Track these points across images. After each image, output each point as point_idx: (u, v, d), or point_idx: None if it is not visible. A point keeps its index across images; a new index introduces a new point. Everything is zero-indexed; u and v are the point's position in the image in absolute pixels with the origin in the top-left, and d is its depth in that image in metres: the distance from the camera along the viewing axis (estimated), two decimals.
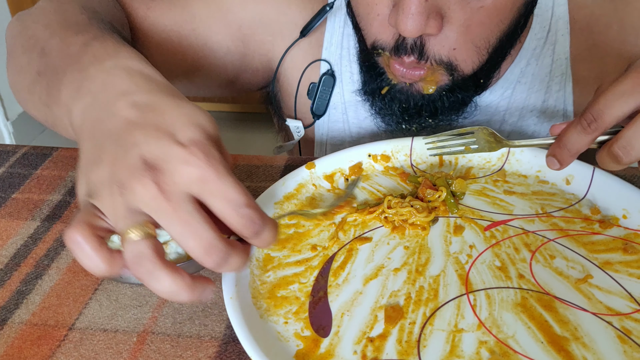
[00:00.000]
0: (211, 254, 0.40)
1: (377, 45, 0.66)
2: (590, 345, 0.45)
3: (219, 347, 0.48)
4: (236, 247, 0.42)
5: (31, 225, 0.63)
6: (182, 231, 0.39)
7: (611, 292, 0.50)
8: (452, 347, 0.46)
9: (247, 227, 0.41)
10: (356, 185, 0.64)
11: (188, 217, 0.39)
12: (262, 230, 0.42)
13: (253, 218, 0.41)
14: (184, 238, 0.40)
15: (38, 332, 0.50)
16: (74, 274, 0.56)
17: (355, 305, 0.50)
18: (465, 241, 0.56)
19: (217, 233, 0.40)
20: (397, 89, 0.69)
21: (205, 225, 0.40)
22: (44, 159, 0.75)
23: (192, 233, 0.39)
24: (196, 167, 0.39)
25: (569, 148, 0.53)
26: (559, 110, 0.78)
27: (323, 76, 0.81)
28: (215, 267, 0.41)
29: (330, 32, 0.80)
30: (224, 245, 0.40)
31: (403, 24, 0.58)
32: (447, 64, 0.64)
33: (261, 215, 0.41)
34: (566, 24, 0.76)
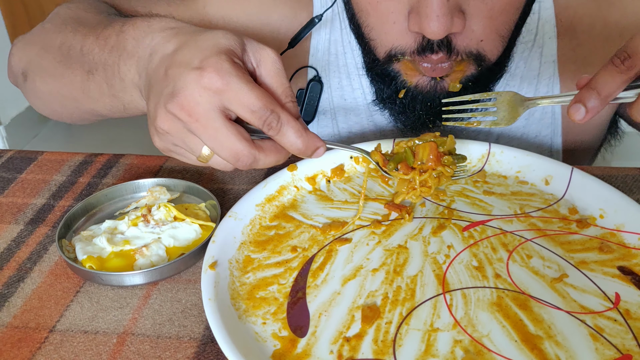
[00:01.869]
0: (239, 160, 0.48)
1: (396, 52, 0.65)
2: (563, 344, 0.46)
3: (198, 347, 0.49)
4: (265, 148, 0.49)
5: (14, 229, 0.63)
6: (213, 145, 0.47)
7: (586, 290, 0.51)
8: (427, 347, 0.46)
9: (266, 127, 0.47)
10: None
11: (214, 132, 0.46)
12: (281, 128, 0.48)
13: (269, 119, 0.47)
14: (216, 150, 0.48)
15: (19, 334, 0.51)
16: (56, 277, 0.57)
17: (333, 305, 0.50)
18: (443, 241, 0.57)
19: (244, 140, 0.47)
20: (418, 88, 0.68)
21: (232, 136, 0.46)
22: (29, 163, 0.75)
23: (220, 146, 0.47)
24: (209, 82, 0.45)
25: (599, 90, 0.48)
26: (547, 112, 0.79)
27: (310, 82, 0.81)
28: (249, 168, 0.49)
29: (316, 39, 0.81)
30: (251, 150, 0.48)
31: (429, 27, 0.58)
32: (476, 55, 0.65)
33: (278, 116, 0.47)
34: (553, 27, 0.77)
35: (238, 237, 0.58)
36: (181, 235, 0.59)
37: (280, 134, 0.48)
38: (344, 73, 0.81)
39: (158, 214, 0.60)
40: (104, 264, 0.56)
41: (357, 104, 0.81)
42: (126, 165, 0.74)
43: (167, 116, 0.47)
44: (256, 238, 0.59)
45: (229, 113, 0.48)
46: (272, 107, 0.47)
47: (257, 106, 0.46)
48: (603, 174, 0.66)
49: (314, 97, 0.81)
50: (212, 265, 0.53)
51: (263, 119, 0.47)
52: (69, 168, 0.74)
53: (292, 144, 0.49)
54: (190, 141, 0.49)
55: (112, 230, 0.59)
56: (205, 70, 0.46)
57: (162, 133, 0.49)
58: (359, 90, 0.80)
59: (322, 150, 0.52)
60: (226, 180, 0.70)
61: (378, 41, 0.67)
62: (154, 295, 0.54)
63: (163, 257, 0.57)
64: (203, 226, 0.60)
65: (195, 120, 0.46)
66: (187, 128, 0.47)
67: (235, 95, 0.46)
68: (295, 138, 0.49)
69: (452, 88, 0.68)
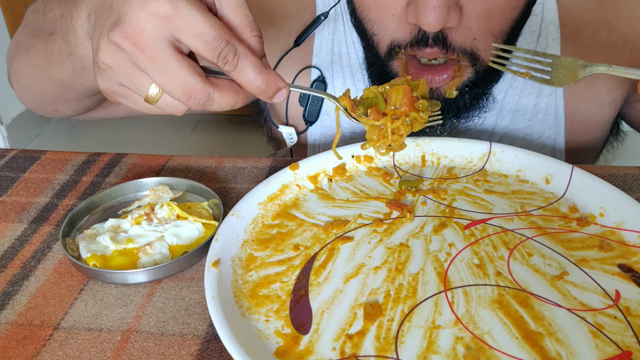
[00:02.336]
0: (192, 97, 0.43)
1: (394, 44, 0.65)
2: (563, 340, 0.46)
3: (201, 345, 0.49)
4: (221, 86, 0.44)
5: (18, 228, 0.64)
6: (161, 79, 0.42)
7: (586, 288, 0.51)
8: (429, 343, 0.47)
9: (221, 60, 0.42)
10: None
11: (164, 64, 0.41)
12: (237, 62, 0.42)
13: (224, 51, 0.42)
14: (164, 86, 0.42)
15: (24, 332, 0.51)
16: (60, 275, 0.57)
17: (335, 303, 0.51)
18: (444, 239, 0.57)
19: (197, 75, 0.42)
20: None
21: (183, 69, 0.41)
22: (32, 162, 0.76)
23: (170, 80, 0.42)
24: (156, 6, 0.40)
25: None
26: (550, 114, 0.79)
27: (314, 83, 0.81)
28: (203, 108, 0.43)
29: (319, 39, 0.81)
30: (204, 86, 0.42)
31: (425, 18, 0.58)
32: (470, 54, 0.65)
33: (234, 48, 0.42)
34: (556, 29, 0.77)
35: (241, 236, 0.58)
36: (184, 234, 0.59)
37: (238, 70, 0.44)
38: (347, 73, 0.81)
39: (161, 213, 0.60)
40: (108, 262, 0.56)
41: None
42: (129, 165, 0.75)
43: (110, 47, 0.42)
44: (259, 236, 0.59)
45: (179, 45, 0.43)
46: (228, 38, 0.42)
47: (210, 35, 0.42)
48: (603, 173, 0.67)
49: (318, 98, 0.82)
50: (215, 264, 0.53)
51: (218, 51, 0.42)
52: (72, 167, 0.74)
53: (251, 82, 0.44)
54: (137, 77, 0.44)
55: (116, 228, 0.60)
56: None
57: (105, 68, 0.44)
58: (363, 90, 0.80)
59: (284, 92, 0.47)
60: (229, 179, 0.71)
61: (380, 35, 0.67)
62: (157, 293, 0.54)
63: (166, 256, 0.57)
64: (206, 225, 0.60)
65: (141, 50, 0.42)
66: (133, 61, 0.43)
67: (185, 23, 0.41)
68: (254, 74, 0.44)
69: (448, 95, 0.68)
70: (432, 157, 0.70)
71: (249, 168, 0.73)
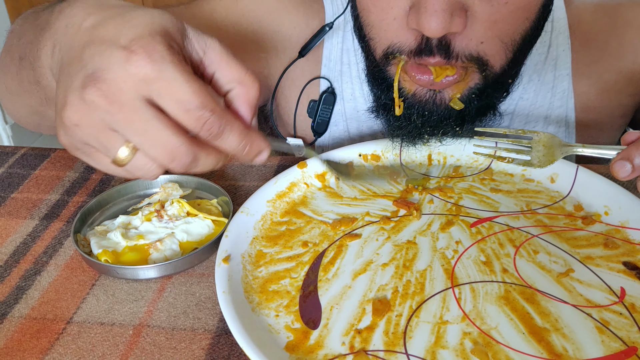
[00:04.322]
0: (176, 159, 0.39)
1: (393, 49, 0.62)
2: (569, 336, 0.47)
3: (212, 339, 0.50)
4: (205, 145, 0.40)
5: (30, 224, 0.65)
6: (141, 140, 0.38)
7: (591, 285, 0.52)
8: (437, 338, 0.47)
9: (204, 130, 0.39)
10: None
11: (144, 124, 0.37)
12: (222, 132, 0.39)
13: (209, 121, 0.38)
14: (145, 148, 0.38)
15: (37, 325, 0.52)
16: (71, 271, 0.58)
17: (344, 298, 0.52)
18: (451, 237, 0.58)
19: (180, 135, 0.38)
20: (416, 98, 0.64)
21: (165, 129, 0.38)
22: (43, 159, 0.77)
23: (152, 141, 0.38)
24: (137, 66, 0.37)
25: None
26: (562, 126, 0.78)
27: (323, 94, 0.80)
28: (187, 170, 0.40)
29: (328, 49, 0.80)
30: (190, 146, 0.39)
31: (427, 23, 0.54)
32: (477, 59, 0.60)
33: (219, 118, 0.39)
34: (567, 39, 0.76)
35: (250, 232, 0.59)
36: (194, 230, 0.60)
37: (221, 139, 0.41)
38: (356, 83, 0.79)
39: (171, 210, 0.61)
40: (119, 257, 0.57)
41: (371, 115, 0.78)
42: None
43: (81, 105, 0.38)
44: (268, 233, 0.60)
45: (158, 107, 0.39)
46: (213, 106, 0.39)
47: (193, 104, 0.38)
48: (608, 172, 0.67)
49: (327, 108, 0.80)
50: (226, 259, 0.54)
51: (202, 122, 0.39)
52: (81, 164, 0.75)
53: (234, 148, 0.42)
54: (107, 138, 0.39)
55: (126, 225, 0.61)
56: (134, 52, 0.37)
57: (70, 126, 0.39)
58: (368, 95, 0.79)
59: (265, 154, 0.45)
60: (237, 177, 0.71)
61: (377, 40, 0.64)
62: (168, 289, 0.55)
63: (177, 252, 0.58)
64: (215, 221, 0.61)
65: (118, 110, 0.37)
66: (106, 121, 0.38)
67: (167, 87, 0.38)
68: (238, 141, 0.41)
69: (453, 104, 0.64)
70: (438, 156, 0.71)
71: (257, 166, 0.73)
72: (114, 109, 0.37)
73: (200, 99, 0.38)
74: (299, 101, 0.81)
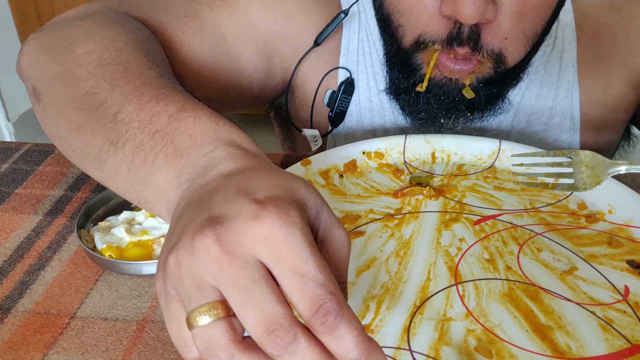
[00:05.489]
0: (273, 333, 0.31)
1: (425, 38, 0.64)
2: (573, 334, 0.47)
3: None
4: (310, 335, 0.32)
5: (34, 219, 0.65)
6: (240, 300, 0.32)
7: (595, 283, 0.52)
8: (440, 335, 0.47)
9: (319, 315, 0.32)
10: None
11: (250, 284, 0.32)
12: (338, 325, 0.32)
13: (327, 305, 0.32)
14: (242, 309, 0.32)
15: (41, 320, 0.52)
16: (75, 266, 0.58)
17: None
18: (455, 235, 0.58)
19: (287, 307, 0.32)
20: (435, 81, 0.68)
21: (272, 297, 0.32)
22: (46, 155, 0.77)
23: (252, 304, 0.32)
24: (264, 224, 0.33)
25: None
26: (566, 118, 0.79)
27: (343, 84, 0.80)
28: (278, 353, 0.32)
29: (347, 38, 0.80)
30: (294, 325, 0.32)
31: (465, 10, 0.58)
32: (497, 55, 0.64)
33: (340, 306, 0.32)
34: (573, 32, 0.77)
35: None
36: None
37: (335, 335, 0.32)
38: (370, 73, 0.80)
39: None
40: (123, 253, 0.57)
41: (382, 106, 0.80)
42: None
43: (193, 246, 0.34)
44: None
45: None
46: (334, 290, 0.32)
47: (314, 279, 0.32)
48: None
49: (346, 98, 0.80)
50: None
51: (318, 304, 0.32)
52: None
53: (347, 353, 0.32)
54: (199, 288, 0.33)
55: (130, 220, 0.61)
56: (266, 209, 0.33)
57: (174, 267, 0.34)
58: (384, 92, 0.79)
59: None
60: None
61: (407, 27, 0.66)
62: None
63: None
64: None
65: (227, 260, 0.33)
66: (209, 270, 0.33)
67: (290, 254, 0.33)
68: (354, 345, 0.32)
69: (465, 92, 0.67)
70: (442, 154, 0.71)
71: None
72: (224, 259, 0.33)
73: (324, 277, 0.33)
74: (317, 92, 0.81)
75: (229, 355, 0.32)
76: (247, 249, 0.33)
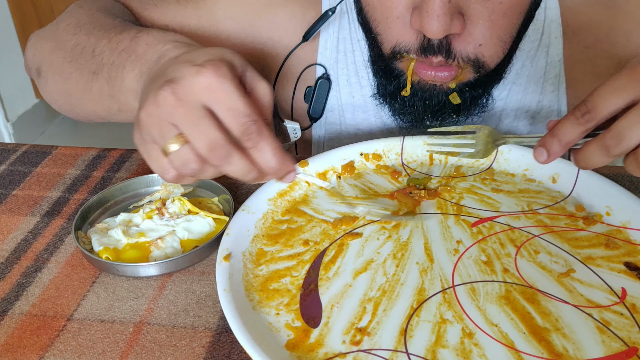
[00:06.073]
0: (214, 150, 0.47)
1: (400, 48, 0.66)
2: (570, 336, 0.47)
3: (213, 337, 0.50)
4: (242, 151, 0.48)
5: (31, 221, 0.65)
6: (191, 131, 0.47)
7: (592, 285, 0.52)
8: (437, 338, 0.47)
9: (245, 135, 0.47)
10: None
11: (197, 119, 0.46)
12: (259, 141, 0.48)
13: (250, 128, 0.47)
14: (192, 137, 0.47)
15: (37, 322, 0.52)
16: (72, 268, 0.58)
17: (345, 297, 0.52)
18: (452, 237, 0.58)
19: (223, 132, 0.47)
20: (420, 85, 0.69)
21: (212, 126, 0.46)
22: (44, 157, 0.77)
23: (199, 131, 0.47)
24: (204, 77, 0.46)
25: (560, 138, 0.53)
26: (553, 111, 0.80)
27: (319, 80, 0.82)
28: (220, 164, 0.48)
29: (324, 36, 0.82)
30: (228, 145, 0.47)
31: (428, 26, 0.59)
32: (474, 61, 0.65)
33: (260, 129, 0.48)
34: (559, 27, 0.77)
35: (251, 231, 0.59)
36: (195, 228, 0.60)
37: (257, 148, 0.49)
38: (352, 70, 0.81)
39: (172, 207, 0.61)
40: (120, 255, 0.57)
41: (365, 102, 0.82)
42: (139, 160, 0.76)
43: (156, 101, 0.47)
44: (269, 231, 0.60)
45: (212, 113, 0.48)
46: (256, 119, 0.48)
47: (241, 112, 0.47)
48: (610, 173, 0.67)
49: (322, 94, 0.82)
50: (227, 257, 0.54)
51: (245, 127, 0.47)
52: (83, 162, 0.75)
53: (267, 161, 0.49)
54: (165, 128, 0.48)
55: (127, 222, 0.61)
56: (204, 67, 0.47)
57: (143, 118, 0.49)
58: (367, 88, 0.81)
59: (292, 175, 0.53)
60: None
61: (384, 36, 0.67)
62: (168, 287, 0.55)
63: (177, 250, 0.58)
64: (216, 220, 0.61)
65: (181, 105, 0.47)
66: (170, 113, 0.47)
67: (224, 97, 0.47)
68: (271, 155, 0.49)
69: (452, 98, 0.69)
70: (439, 155, 0.71)
71: None
72: (178, 104, 0.47)
73: (248, 110, 0.47)
74: (296, 88, 0.84)
75: (198, 164, 0.48)
76: (194, 97, 0.47)
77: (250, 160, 0.49)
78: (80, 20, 0.73)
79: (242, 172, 0.50)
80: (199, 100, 0.47)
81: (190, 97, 0.47)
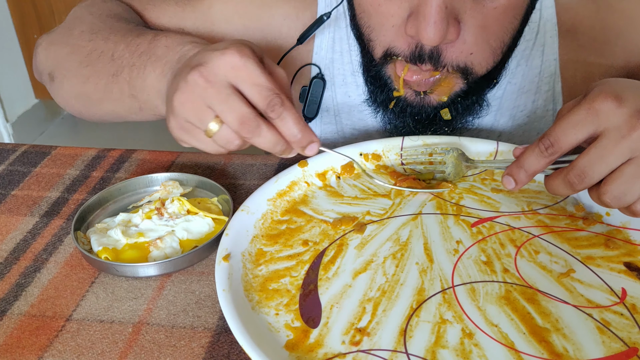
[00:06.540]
0: (244, 124, 0.51)
1: (392, 52, 0.66)
2: (570, 336, 0.47)
3: (212, 337, 0.50)
4: (270, 125, 0.52)
5: (30, 221, 0.65)
6: (222, 108, 0.51)
7: (592, 285, 0.52)
8: (437, 338, 0.47)
9: (270, 107, 0.51)
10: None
11: (226, 97, 0.51)
12: (282, 111, 0.51)
13: (274, 100, 0.51)
14: (223, 113, 0.51)
15: (36, 322, 0.52)
16: (71, 268, 0.58)
17: (344, 297, 0.51)
18: (452, 237, 0.58)
19: (250, 107, 0.51)
20: (407, 100, 0.69)
21: (241, 102, 0.51)
22: (43, 157, 0.77)
23: (229, 108, 0.51)
24: (229, 57, 0.51)
25: (526, 169, 0.54)
26: (549, 110, 0.80)
27: (313, 79, 0.82)
28: (250, 136, 0.52)
29: (319, 37, 0.81)
30: (257, 118, 0.51)
31: (425, 33, 0.58)
32: (463, 69, 0.65)
33: (282, 101, 0.51)
34: (554, 26, 0.77)
35: (250, 231, 0.59)
36: (194, 229, 0.60)
37: (281, 118, 0.52)
38: (348, 70, 0.81)
39: (172, 208, 0.61)
40: (119, 255, 0.57)
41: (361, 102, 0.81)
42: (139, 161, 0.75)
43: (187, 86, 0.51)
44: (268, 232, 0.60)
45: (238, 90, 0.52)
46: (278, 92, 0.51)
47: (265, 87, 0.51)
48: None
49: (316, 94, 0.82)
50: (226, 258, 0.54)
51: (268, 100, 0.51)
52: (82, 162, 0.75)
53: (290, 130, 0.52)
54: (202, 111, 0.52)
55: (127, 222, 0.61)
56: (228, 49, 0.51)
57: (177, 106, 0.52)
58: (362, 88, 0.80)
59: (315, 146, 0.54)
60: (238, 176, 0.71)
61: (377, 42, 0.67)
62: (167, 287, 0.55)
63: (177, 250, 0.58)
64: (216, 220, 0.61)
65: (210, 85, 0.51)
66: (202, 97, 0.51)
67: (248, 75, 0.51)
68: (293, 125, 0.52)
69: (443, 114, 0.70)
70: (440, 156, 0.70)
71: (257, 165, 0.73)
72: (208, 85, 0.51)
73: (271, 85, 0.51)
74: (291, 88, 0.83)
75: (240, 141, 0.53)
76: (220, 77, 0.51)
77: (276, 132, 0.53)
78: (95, 27, 0.75)
79: (271, 143, 0.53)
80: (226, 79, 0.51)
81: (218, 77, 0.51)
